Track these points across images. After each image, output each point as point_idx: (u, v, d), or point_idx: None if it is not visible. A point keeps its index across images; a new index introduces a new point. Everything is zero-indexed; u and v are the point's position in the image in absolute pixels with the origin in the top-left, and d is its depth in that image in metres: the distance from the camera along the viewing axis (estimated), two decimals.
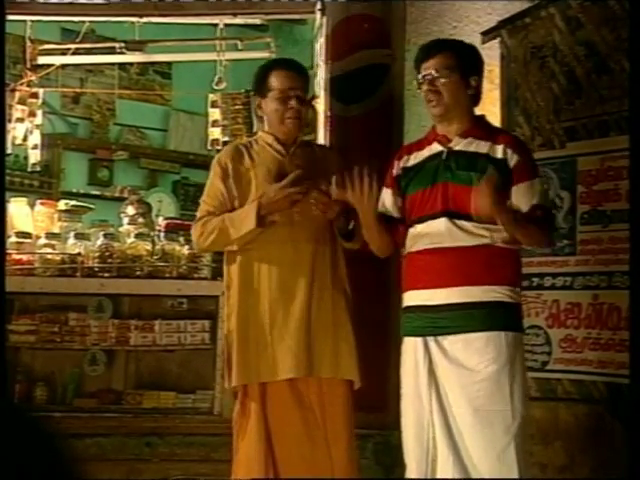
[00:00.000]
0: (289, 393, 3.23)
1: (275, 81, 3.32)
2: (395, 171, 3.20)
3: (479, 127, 3.07)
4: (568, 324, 3.72)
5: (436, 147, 3.08)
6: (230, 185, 3.35)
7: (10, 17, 4.20)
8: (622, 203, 3.56)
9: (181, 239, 4.52)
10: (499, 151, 2.98)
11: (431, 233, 3.03)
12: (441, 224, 3.00)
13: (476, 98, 3.11)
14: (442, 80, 3.02)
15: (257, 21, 5.29)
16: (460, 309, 2.95)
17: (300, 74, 3.39)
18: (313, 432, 3.23)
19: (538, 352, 3.75)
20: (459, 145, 3.04)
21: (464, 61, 3.05)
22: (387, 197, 3.18)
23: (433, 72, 3.03)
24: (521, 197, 2.96)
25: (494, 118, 3.65)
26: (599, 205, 3.67)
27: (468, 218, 2.96)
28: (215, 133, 5.52)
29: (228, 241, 3.31)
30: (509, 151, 2.97)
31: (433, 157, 3.08)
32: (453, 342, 2.96)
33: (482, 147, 3.00)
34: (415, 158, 3.14)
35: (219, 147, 5.62)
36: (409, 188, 3.13)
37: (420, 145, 3.17)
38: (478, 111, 3.16)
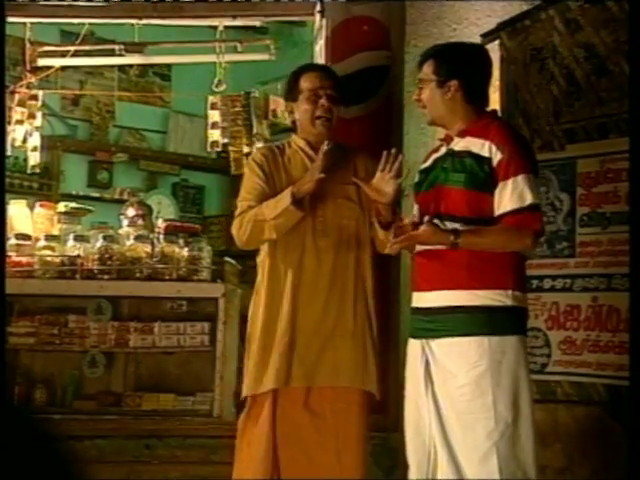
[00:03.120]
0: (301, 400, 3.21)
1: (305, 82, 3.32)
2: (416, 178, 3.24)
3: (479, 125, 3.04)
4: (567, 326, 3.72)
5: (443, 149, 3.12)
6: (268, 183, 3.30)
7: (10, 19, 4.21)
8: (621, 205, 3.56)
9: (180, 241, 4.52)
10: (486, 148, 2.96)
11: None
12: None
13: (473, 98, 3.07)
14: (422, 90, 3.09)
15: (257, 23, 5.28)
16: (444, 313, 2.96)
17: (330, 75, 3.40)
18: (323, 439, 3.20)
19: (537, 354, 3.75)
20: (458, 145, 3.04)
21: (444, 67, 3.05)
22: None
23: (418, 81, 3.12)
24: (501, 197, 2.93)
25: None
26: (598, 207, 3.67)
27: (456, 220, 2.96)
28: (214, 135, 5.52)
29: (264, 226, 3.20)
30: (493, 148, 2.94)
31: (439, 159, 3.11)
32: (440, 345, 2.97)
33: (475, 145, 2.99)
34: (429, 160, 3.19)
35: (218, 149, 5.63)
36: (419, 190, 3.18)
37: (437, 148, 3.20)
38: None
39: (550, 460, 3.62)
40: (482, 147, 2.97)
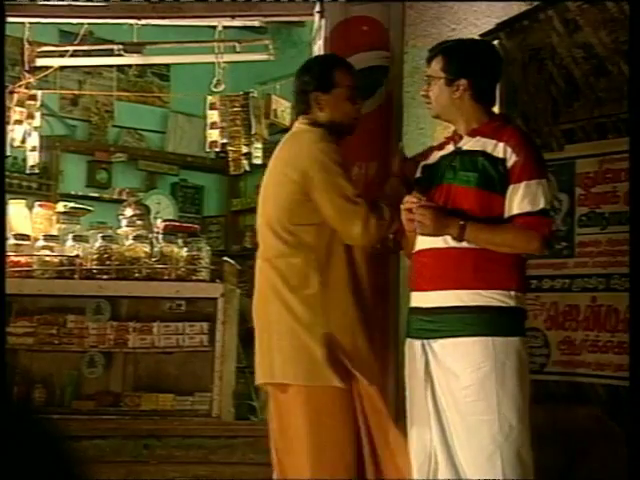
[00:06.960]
0: (273, 397, 3.22)
1: None
2: (418, 173, 3.21)
3: (489, 125, 3.03)
4: (566, 326, 3.72)
5: (450, 147, 3.08)
6: None
7: (9, 19, 4.20)
8: (620, 205, 3.57)
9: (179, 241, 4.52)
10: (500, 149, 2.95)
11: None
12: None
13: (481, 98, 3.05)
14: (430, 86, 3.07)
15: (255, 23, 5.28)
16: (448, 313, 2.93)
17: None
18: (278, 440, 3.17)
19: (536, 354, 3.75)
20: (467, 144, 3.02)
21: (453, 65, 3.03)
22: None
23: (427, 77, 3.10)
24: (513, 199, 2.92)
25: None
26: (597, 207, 3.68)
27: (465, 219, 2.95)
28: (213, 135, 5.53)
29: None
30: (509, 150, 2.93)
31: (445, 157, 3.08)
32: (443, 346, 2.94)
33: (486, 145, 2.97)
34: (433, 158, 3.15)
35: (217, 149, 5.64)
36: (423, 187, 3.13)
37: (441, 145, 3.17)
38: None
39: (549, 460, 3.62)
40: (495, 148, 2.95)
